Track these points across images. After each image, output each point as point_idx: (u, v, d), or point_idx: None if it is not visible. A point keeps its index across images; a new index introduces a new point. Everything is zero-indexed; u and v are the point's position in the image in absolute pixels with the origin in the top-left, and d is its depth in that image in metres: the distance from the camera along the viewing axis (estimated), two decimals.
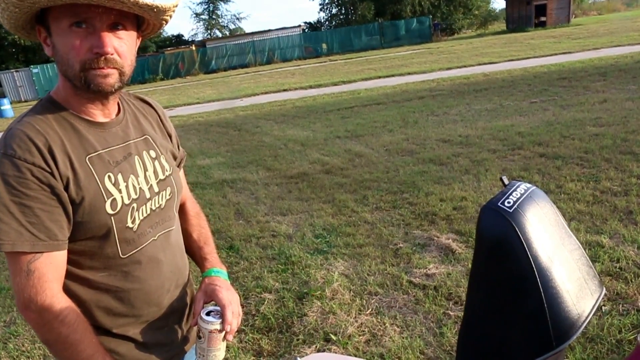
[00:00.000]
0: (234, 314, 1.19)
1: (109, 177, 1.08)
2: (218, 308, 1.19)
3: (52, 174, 0.99)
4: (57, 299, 1.01)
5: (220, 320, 1.16)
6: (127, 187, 1.10)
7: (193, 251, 1.36)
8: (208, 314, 1.18)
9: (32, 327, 1.04)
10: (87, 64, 1.00)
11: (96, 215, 1.05)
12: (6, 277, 4.19)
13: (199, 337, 1.17)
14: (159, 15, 1.06)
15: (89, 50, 0.99)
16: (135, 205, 1.11)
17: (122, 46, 1.03)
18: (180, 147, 1.35)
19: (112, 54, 1.01)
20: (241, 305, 1.30)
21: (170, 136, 1.30)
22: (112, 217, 1.07)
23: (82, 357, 1.04)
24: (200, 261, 1.36)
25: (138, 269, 1.13)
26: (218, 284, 1.26)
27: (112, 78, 1.04)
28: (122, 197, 1.09)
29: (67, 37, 0.99)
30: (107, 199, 1.06)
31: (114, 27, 1.01)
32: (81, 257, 1.07)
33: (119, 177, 1.10)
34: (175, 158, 1.30)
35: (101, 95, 1.07)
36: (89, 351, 1.04)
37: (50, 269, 1.01)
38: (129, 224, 1.10)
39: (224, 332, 1.16)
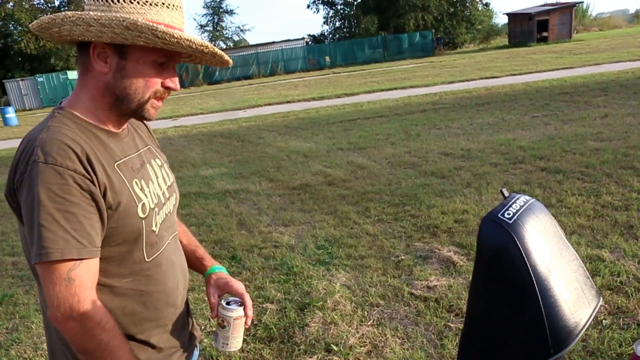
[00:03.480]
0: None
1: (136, 182, 1.12)
2: (235, 298, 1.28)
3: (92, 180, 1.01)
4: (97, 305, 1.03)
5: (242, 307, 1.26)
6: (150, 192, 1.16)
7: (188, 255, 1.41)
8: (228, 303, 1.26)
9: (70, 337, 1.03)
10: (156, 95, 1.12)
11: (129, 219, 1.08)
12: (8, 284, 4.21)
13: (223, 327, 1.25)
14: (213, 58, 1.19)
15: (161, 84, 1.11)
16: (156, 209, 1.17)
17: None
18: None
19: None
20: None
21: (158, 147, 1.38)
22: (143, 221, 1.11)
23: None
24: (198, 262, 1.41)
25: (159, 272, 1.18)
26: (226, 277, 1.34)
27: (158, 110, 1.15)
28: (148, 201, 1.14)
29: (147, 70, 1.08)
30: (138, 203, 1.10)
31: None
32: (109, 264, 1.09)
33: (142, 182, 1.15)
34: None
35: (142, 119, 1.16)
36: (127, 357, 1.06)
37: (89, 276, 1.02)
38: (154, 228, 1.15)
39: (244, 319, 1.26)
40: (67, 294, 0.98)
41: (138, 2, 1.03)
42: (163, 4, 1.05)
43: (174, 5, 1.08)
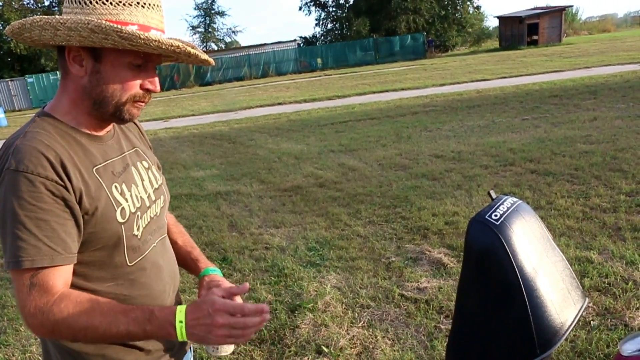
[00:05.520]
0: None
1: (116, 187, 1.11)
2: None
3: (65, 187, 1.00)
4: (68, 308, 0.98)
5: None
6: (131, 196, 1.14)
7: (182, 257, 1.39)
8: None
9: (54, 339, 1.02)
10: (136, 98, 1.09)
11: (108, 224, 1.07)
12: None
13: None
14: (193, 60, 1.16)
15: (140, 86, 1.09)
16: (139, 213, 1.15)
17: None
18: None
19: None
20: None
21: (150, 148, 1.37)
22: (122, 226, 1.09)
23: (120, 329, 0.99)
24: (193, 264, 1.39)
25: (144, 276, 1.16)
26: (219, 279, 1.32)
27: (141, 109, 1.13)
28: (129, 205, 1.12)
29: (123, 72, 1.06)
30: (117, 208, 1.09)
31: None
32: (89, 269, 1.08)
33: (124, 186, 1.13)
34: (159, 168, 1.36)
35: (123, 122, 1.14)
36: (122, 318, 1.00)
37: (60, 281, 1.00)
38: (135, 232, 1.13)
39: None
40: (39, 301, 0.97)
41: (111, 3, 1.01)
42: (138, 3, 1.02)
43: (150, 5, 1.04)
